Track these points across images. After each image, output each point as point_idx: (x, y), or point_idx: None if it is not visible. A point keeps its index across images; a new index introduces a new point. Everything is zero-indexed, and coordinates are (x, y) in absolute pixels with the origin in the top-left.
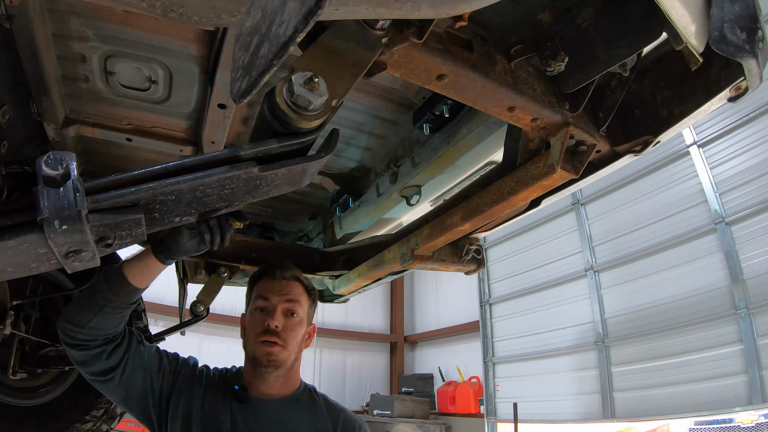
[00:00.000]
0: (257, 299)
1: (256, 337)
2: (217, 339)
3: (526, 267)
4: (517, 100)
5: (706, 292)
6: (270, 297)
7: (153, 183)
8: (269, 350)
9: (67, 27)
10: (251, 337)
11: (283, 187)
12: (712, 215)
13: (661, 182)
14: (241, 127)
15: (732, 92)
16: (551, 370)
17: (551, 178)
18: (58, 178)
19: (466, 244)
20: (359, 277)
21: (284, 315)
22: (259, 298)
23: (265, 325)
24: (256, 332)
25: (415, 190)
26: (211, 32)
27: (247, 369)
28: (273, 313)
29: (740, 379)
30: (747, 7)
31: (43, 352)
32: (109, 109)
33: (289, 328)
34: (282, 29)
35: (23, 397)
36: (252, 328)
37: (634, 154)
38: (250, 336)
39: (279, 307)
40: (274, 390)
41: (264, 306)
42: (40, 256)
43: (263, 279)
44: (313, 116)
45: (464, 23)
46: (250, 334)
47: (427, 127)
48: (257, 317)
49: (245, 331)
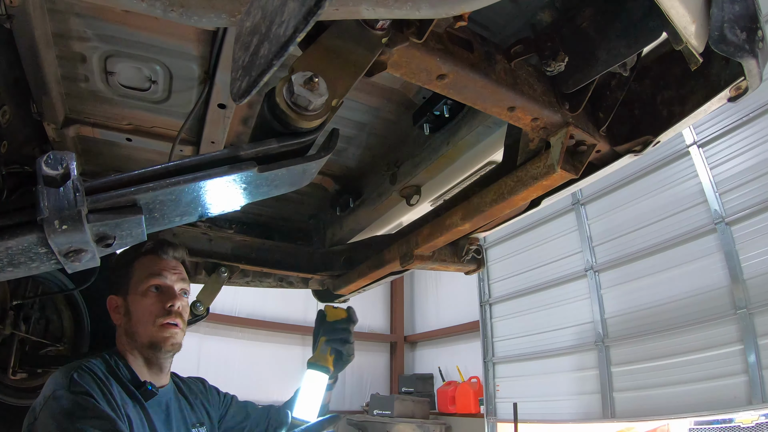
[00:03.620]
0: (151, 277)
1: (156, 319)
2: (217, 339)
3: (526, 267)
4: (517, 100)
5: (706, 292)
6: (167, 275)
7: (153, 183)
8: (174, 331)
9: (67, 27)
10: (147, 320)
11: (283, 187)
12: (712, 215)
13: (661, 182)
14: (241, 127)
15: (732, 92)
16: (551, 370)
17: (551, 178)
18: (58, 178)
19: (466, 244)
20: (359, 277)
21: (179, 295)
22: (153, 277)
23: (167, 307)
24: (154, 314)
25: (415, 190)
26: (211, 32)
27: (133, 358)
28: (173, 293)
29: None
30: (747, 7)
31: (43, 352)
32: (109, 109)
33: (184, 310)
34: (282, 29)
35: (23, 397)
36: (148, 309)
37: (634, 154)
38: (145, 319)
39: (176, 287)
40: (166, 378)
41: (160, 285)
42: (40, 256)
43: (148, 256)
44: (313, 116)
45: (464, 23)
46: (145, 317)
47: (427, 127)
48: (153, 298)
49: (130, 315)
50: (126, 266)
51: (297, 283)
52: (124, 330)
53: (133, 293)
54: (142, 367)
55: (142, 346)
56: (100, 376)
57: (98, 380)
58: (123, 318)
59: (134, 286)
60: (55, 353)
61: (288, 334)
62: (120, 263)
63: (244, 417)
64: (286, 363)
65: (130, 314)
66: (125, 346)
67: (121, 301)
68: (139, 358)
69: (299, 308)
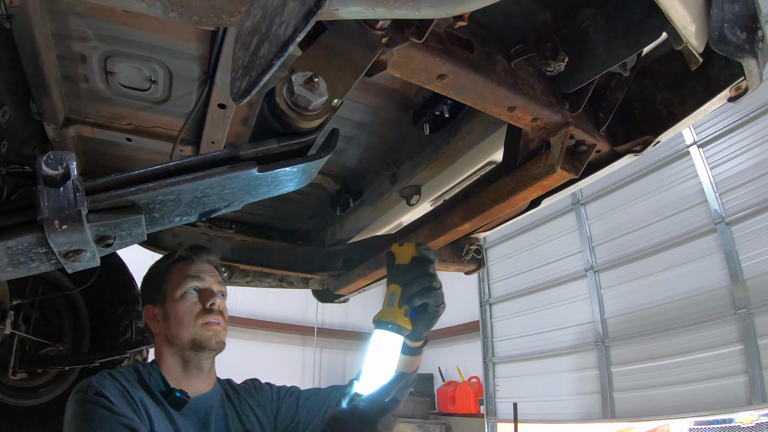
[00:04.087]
0: (188, 280)
1: (196, 319)
2: None
3: (526, 267)
4: (517, 100)
5: (706, 292)
6: (204, 277)
7: (153, 183)
8: (217, 329)
9: (67, 27)
10: (188, 321)
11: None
12: (712, 215)
13: (661, 182)
14: (241, 127)
15: (732, 92)
16: (551, 370)
17: (551, 178)
18: (58, 178)
19: (466, 244)
20: (359, 277)
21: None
22: (190, 279)
23: (207, 305)
24: (194, 314)
25: (415, 190)
26: (211, 32)
27: (171, 365)
28: (211, 292)
29: (740, 379)
30: (747, 7)
31: (43, 352)
32: (109, 109)
33: (224, 310)
34: (282, 29)
35: (23, 397)
36: (188, 311)
37: (634, 154)
38: (186, 320)
39: (214, 288)
40: (206, 383)
41: (198, 287)
42: (40, 256)
43: (183, 262)
44: (313, 116)
45: (464, 23)
46: (186, 318)
47: (427, 127)
48: (192, 299)
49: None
50: (161, 275)
51: (297, 283)
52: (164, 336)
53: (171, 299)
54: (179, 373)
55: (184, 348)
56: (122, 381)
57: (118, 383)
58: (162, 324)
59: (171, 291)
60: (55, 353)
61: (288, 334)
62: (154, 273)
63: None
64: (286, 363)
65: (169, 319)
66: (164, 352)
67: (158, 309)
68: (177, 364)
69: (299, 308)
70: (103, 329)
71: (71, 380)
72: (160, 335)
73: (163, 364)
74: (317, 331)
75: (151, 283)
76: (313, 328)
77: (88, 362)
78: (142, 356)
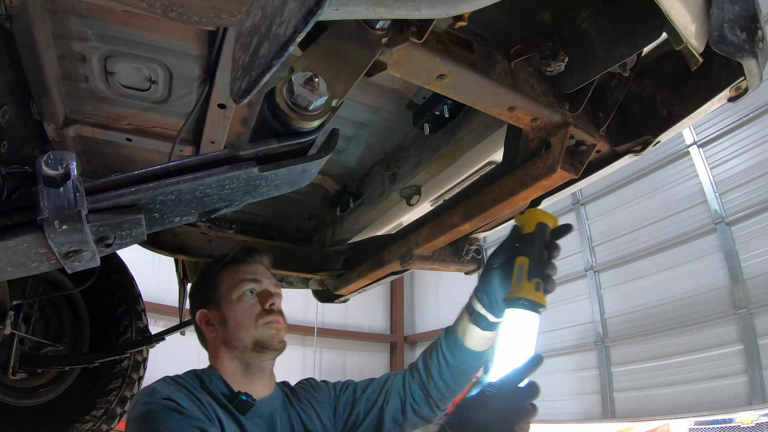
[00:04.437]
0: (244, 282)
1: (257, 320)
2: None
3: None
4: (517, 100)
5: (706, 292)
6: (261, 279)
7: (153, 183)
8: (279, 327)
9: (67, 27)
10: (248, 323)
11: (283, 187)
12: (712, 215)
13: (661, 182)
14: (241, 127)
15: (732, 92)
16: (551, 370)
17: (551, 178)
18: (58, 178)
19: (466, 244)
20: (359, 277)
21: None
22: (246, 282)
23: (267, 306)
24: (254, 316)
25: (415, 190)
26: (211, 32)
27: (232, 368)
28: (269, 293)
29: (740, 379)
30: (747, 7)
31: (43, 352)
32: (109, 109)
33: (282, 311)
34: (282, 29)
35: (23, 397)
36: (247, 312)
37: (634, 154)
38: (246, 322)
39: (271, 288)
40: (268, 386)
41: (255, 288)
42: (40, 256)
43: (236, 264)
44: (313, 116)
45: (464, 23)
46: (245, 319)
47: (427, 127)
48: (250, 300)
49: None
50: (213, 278)
51: (297, 283)
52: (222, 340)
53: (227, 302)
54: (240, 376)
55: (245, 350)
56: (187, 386)
57: (184, 388)
58: (219, 328)
59: (226, 294)
60: (55, 353)
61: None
62: (206, 276)
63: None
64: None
65: (227, 322)
66: (223, 356)
67: (214, 313)
68: (238, 368)
69: (299, 308)
70: (103, 329)
71: (71, 380)
72: (216, 339)
73: (223, 368)
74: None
75: (203, 287)
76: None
77: (88, 362)
78: (143, 356)
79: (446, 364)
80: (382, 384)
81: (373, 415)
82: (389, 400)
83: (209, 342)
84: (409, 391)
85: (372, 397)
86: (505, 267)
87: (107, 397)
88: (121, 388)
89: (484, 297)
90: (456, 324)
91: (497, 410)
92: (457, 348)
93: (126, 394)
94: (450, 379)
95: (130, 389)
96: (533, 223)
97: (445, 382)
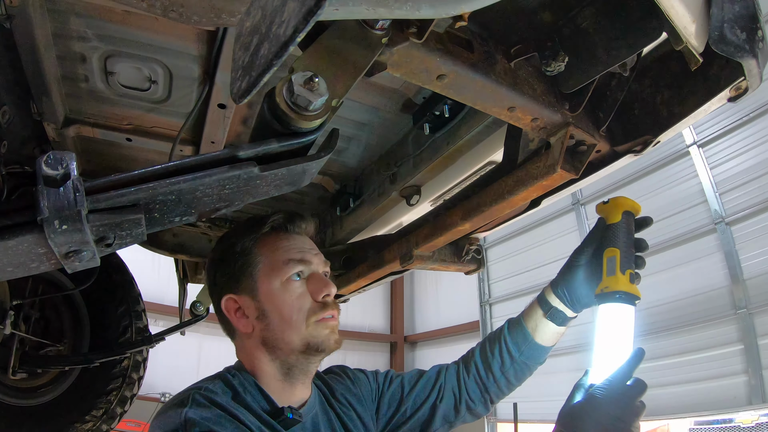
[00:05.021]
0: (290, 263)
1: (309, 317)
2: (217, 339)
3: (526, 267)
4: (517, 100)
5: (706, 292)
6: (310, 258)
7: (153, 183)
8: (335, 325)
9: (67, 27)
10: (298, 319)
11: (283, 187)
12: (712, 215)
13: (661, 182)
14: (241, 127)
15: (732, 92)
16: (551, 369)
17: (551, 178)
18: (58, 178)
19: (466, 244)
20: (359, 277)
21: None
22: (292, 263)
23: (321, 298)
24: (304, 311)
25: (415, 190)
26: (211, 32)
27: (271, 373)
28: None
29: (740, 379)
30: (747, 7)
31: (43, 352)
32: (109, 109)
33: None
34: (282, 29)
35: (23, 397)
36: (296, 306)
37: (634, 154)
38: (295, 318)
39: (320, 269)
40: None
41: (303, 271)
42: (40, 256)
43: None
44: (313, 116)
45: (464, 23)
46: (294, 315)
47: (427, 127)
48: (298, 289)
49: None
50: (246, 253)
51: None
52: (260, 339)
53: (266, 290)
54: (279, 381)
55: (291, 353)
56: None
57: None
58: (255, 323)
59: (265, 279)
60: (55, 353)
61: None
62: (234, 251)
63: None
64: None
65: (268, 318)
66: (260, 357)
67: (248, 301)
68: (278, 371)
69: None
70: (103, 329)
71: (71, 380)
72: (251, 336)
73: (260, 372)
74: None
75: (230, 265)
76: None
77: (88, 362)
78: (143, 356)
79: (510, 359)
80: (435, 379)
81: (423, 412)
82: (443, 397)
83: (240, 335)
84: (465, 387)
85: (422, 394)
86: (591, 261)
87: (107, 397)
88: (121, 388)
89: (564, 293)
90: (525, 318)
91: (610, 413)
92: (526, 343)
93: (126, 394)
94: (512, 375)
95: (130, 389)
96: (619, 212)
97: (507, 378)
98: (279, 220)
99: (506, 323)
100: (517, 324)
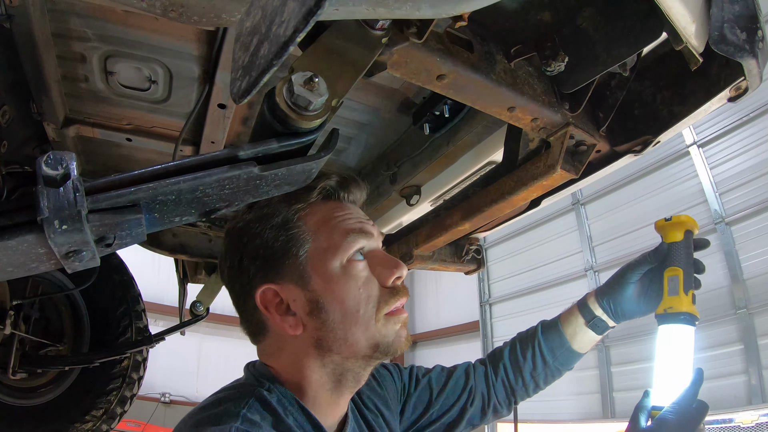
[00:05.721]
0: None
1: (380, 308)
2: (217, 339)
3: (526, 267)
4: (517, 100)
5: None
6: (370, 230)
7: (153, 183)
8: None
9: (67, 27)
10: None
11: (283, 187)
12: (712, 215)
13: (661, 182)
14: (241, 127)
15: (732, 92)
16: None
17: (551, 178)
18: (58, 178)
19: (466, 244)
20: None
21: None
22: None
23: (392, 282)
24: (374, 299)
25: (415, 190)
26: (211, 32)
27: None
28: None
29: (740, 379)
30: (747, 7)
31: (43, 352)
32: (109, 109)
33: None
34: (282, 29)
35: (23, 397)
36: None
37: (634, 154)
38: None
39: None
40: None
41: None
42: (40, 256)
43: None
44: (313, 116)
45: (464, 23)
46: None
47: (427, 127)
48: (362, 272)
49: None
50: (289, 227)
51: None
52: (313, 340)
53: (321, 272)
54: (327, 392)
55: (352, 357)
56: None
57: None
58: (308, 320)
59: (318, 259)
60: (55, 353)
61: None
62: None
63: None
64: None
65: (326, 310)
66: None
67: (295, 291)
68: (327, 381)
69: None
70: (103, 329)
71: (71, 380)
72: (300, 337)
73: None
74: None
75: (266, 245)
76: None
77: (88, 362)
78: (143, 356)
79: (543, 364)
80: (465, 380)
81: (451, 415)
82: (473, 400)
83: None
84: (493, 390)
85: (452, 396)
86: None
87: (107, 397)
88: (121, 388)
89: (609, 304)
90: (562, 324)
91: None
92: (562, 349)
93: (126, 394)
94: (542, 380)
95: (130, 389)
96: (681, 230)
97: (536, 383)
98: (332, 184)
99: (539, 326)
100: (553, 328)
